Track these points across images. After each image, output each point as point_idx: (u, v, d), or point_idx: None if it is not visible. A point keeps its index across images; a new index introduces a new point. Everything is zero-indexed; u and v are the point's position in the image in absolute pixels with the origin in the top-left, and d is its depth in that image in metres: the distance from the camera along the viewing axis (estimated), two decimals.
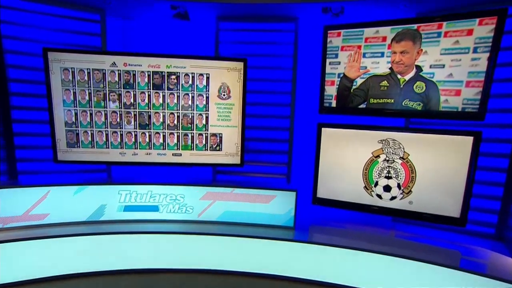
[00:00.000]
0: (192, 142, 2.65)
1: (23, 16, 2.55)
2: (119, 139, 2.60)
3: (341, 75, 2.57)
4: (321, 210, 2.84)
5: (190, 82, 2.56)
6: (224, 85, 2.58)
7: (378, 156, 2.55)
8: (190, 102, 2.58)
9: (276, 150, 2.94)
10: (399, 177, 2.50)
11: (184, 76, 2.54)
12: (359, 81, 2.52)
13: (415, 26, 2.25)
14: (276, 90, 2.87)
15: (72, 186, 2.48)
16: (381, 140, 2.53)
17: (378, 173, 2.56)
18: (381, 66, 2.41)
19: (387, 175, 2.54)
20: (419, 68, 2.28)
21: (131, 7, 2.65)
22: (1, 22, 2.48)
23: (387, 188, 2.56)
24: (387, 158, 2.53)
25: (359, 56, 2.49)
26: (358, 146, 2.59)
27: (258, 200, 2.60)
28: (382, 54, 2.39)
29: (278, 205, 2.60)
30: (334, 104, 2.64)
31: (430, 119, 2.37)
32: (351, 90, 2.56)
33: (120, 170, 2.87)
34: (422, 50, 2.24)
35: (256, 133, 2.90)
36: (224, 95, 2.60)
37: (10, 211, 2.39)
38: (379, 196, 2.59)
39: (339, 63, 2.57)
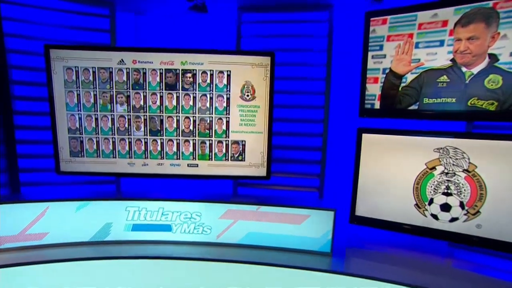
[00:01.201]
0: (211, 150, 2.28)
1: (25, 12, 2.30)
2: (127, 147, 2.27)
3: (387, 71, 2.14)
4: (358, 229, 2.40)
5: (209, 81, 2.20)
6: (248, 84, 2.21)
7: (433, 168, 2.09)
8: (208, 104, 2.23)
9: (307, 159, 2.53)
10: (462, 194, 2.02)
11: (202, 74, 2.19)
12: (410, 77, 2.08)
13: (490, 3, 1.79)
14: (307, 90, 2.47)
15: (74, 201, 2.16)
16: (438, 149, 2.07)
17: (434, 188, 2.10)
18: (440, 58, 1.96)
19: (445, 191, 2.07)
20: (493, 58, 1.81)
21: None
22: (2, 19, 2.24)
23: (445, 207, 2.09)
24: (445, 171, 2.06)
25: (410, 47, 2.05)
26: (407, 155, 2.14)
27: (288, 220, 2.19)
28: (442, 43, 1.94)
29: (312, 226, 2.18)
30: (377, 106, 2.20)
31: (507, 122, 1.89)
32: (400, 88, 2.13)
33: (130, 182, 2.53)
34: (499, 34, 1.78)
35: (282, 140, 2.50)
36: (247, 95, 2.22)
37: (4, 230, 2.09)
38: (435, 217, 2.12)
39: (384, 56, 2.14)
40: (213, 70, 2.19)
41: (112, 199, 2.21)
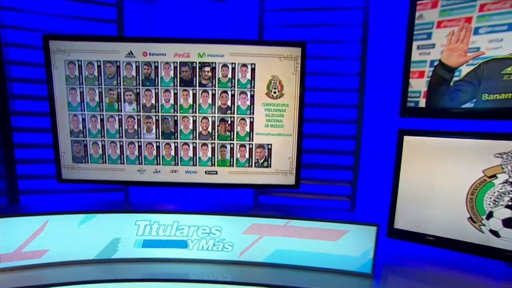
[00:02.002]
0: (232, 156, 2.00)
1: (22, 1, 2.04)
2: (136, 152, 2.00)
3: (436, 63, 1.84)
4: (396, 244, 2.10)
5: (230, 75, 1.92)
6: (275, 79, 1.92)
7: (493, 176, 1.78)
8: (229, 103, 1.94)
9: (337, 164, 2.22)
10: None
11: (222, 67, 1.91)
12: (465, 69, 1.78)
13: None
14: (338, 86, 2.17)
15: (77, 214, 1.88)
16: (500, 154, 1.76)
17: (494, 200, 1.79)
18: (507, 46, 1.66)
19: (509, 203, 1.77)
20: None
21: None
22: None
23: (509, 223, 1.78)
24: (510, 180, 1.75)
25: (468, 34, 1.75)
26: (459, 161, 1.83)
27: (323, 236, 1.89)
28: (510, 27, 1.64)
29: (351, 243, 1.88)
30: (422, 104, 1.90)
31: None
32: (451, 84, 1.82)
33: (140, 191, 2.25)
34: None
35: (309, 142, 2.21)
36: (275, 92, 1.94)
37: None
38: (495, 233, 1.81)
39: (432, 46, 1.84)
40: (235, 64, 1.91)
41: (120, 212, 1.93)
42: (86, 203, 2.04)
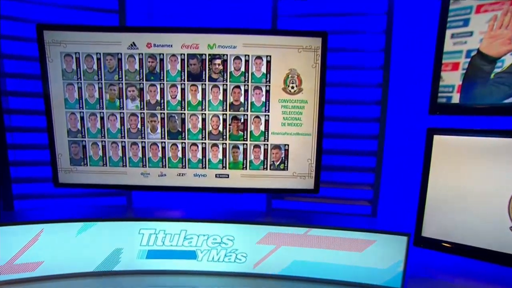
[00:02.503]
0: (245, 157, 1.81)
1: None
2: (140, 154, 1.82)
3: (473, 53, 1.64)
4: (423, 253, 1.92)
5: (243, 69, 1.73)
6: (293, 72, 1.74)
7: None
8: (242, 99, 1.76)
9: (357, 166, 2.03)
10: None
11: (234, 60, 1.72)
12: (509, 59, 1.58)
13: None
14: (358, 82, 1.98)
15: (75, 222, 1.71)
16: None
17: None
18: None
19: None
20: None
21: None
22: None
23: None
24: None
25: None
26: (500, 164, 1.64)
27: (347, 247, 1.70)
28: None
29: (378, 254, 1.69)
30: (456, 99, 1.71)
31: None
32: (492, 75, 1.63)
33: (144, 196, 2.07)
34: None
35: (327, 142, 2.01)
36: (292, 87, 1.75)
37: None
38: None
39: (470, 33, 1.65)
40: (248, 56, 1.72)
41: (122, 219, 1.76)
42: (85, 209, 1.87)
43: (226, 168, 1.82)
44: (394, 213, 2.00)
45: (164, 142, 1.81)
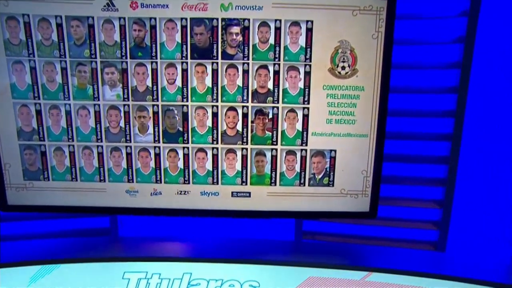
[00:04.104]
0: (274, 168, 1.28)
1: None
2: (124, 164, 1.28)
3: None
4: None
5: (272, 40, 1.19)
6: (344, 46, 1.20)
7: None
8: (271, 85, 1.22)
9: (418, 177, 1.50)
10: None
11: (260, 27, 1.18)
12: None
13: None
14: (424, 63, 1.44)
15: (26, 266, 1.18)
16: None
17: None
18: None
19: None
20: None
21: None
22: None
23: None
24: None
25: None
26: None
27: None
28: None
29: None
30: None
31: None
32: None
33: (132, 221, 1.53)
34: None
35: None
36: (343, 68, 1.21)
37: None
38: None
39: None
40: (280, 21, 1.18)
41: (98, 260, 1.23)
42: (44, 243, 1.33)
43: (246, 184, 1.29)
44: (474, 242, 1.49)
45: (159, 147, 1.27)
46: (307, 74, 1.21)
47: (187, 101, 1.24)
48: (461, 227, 1.47)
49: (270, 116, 1.24)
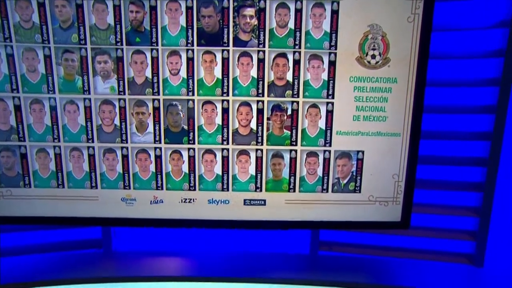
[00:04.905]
0: (293, 172, 1.12)
1: None
2: (119, 168, 1.11)
3: None
4: None
5: (292, 24, 1.03)
6: (375, 31, 1.04)
7: None
8: (290, 76, 1.06)
9: (452, 181, 1.35)
10: None
11: (278, 8, 1.02)
12: None
13: None
14: (464, 51, 1.29)
15: None
16: None
17: None
18: None
19: None
20: None
21: None
22: None
23: None
24: None
25: None
26: None
27: None
28: None
29: None
30: None
31: None
32: None
33: (129, 234, 1.36)
34: None
35: None
36: (374, 57, 1.06)
37: None
38: None
39: None
40: (301, 1, 1.01)
41: (88, 281, 1.05)
42: (23, 261, 1.15)
43: (261, 190, 1.13)
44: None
45: (160, 148, 1.10)
46: (332, 63, 1.05)
47: (193, 94, 1.06)
48: (501, 239, 1.31)
49: (289, 112, 1.08)
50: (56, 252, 1.26)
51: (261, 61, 1.05)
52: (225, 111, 1.07)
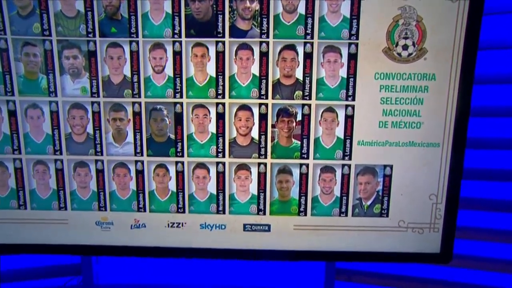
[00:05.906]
0: (303, 192, 0.92)
1: None
2: (93, 185, 0.92)
3: None
4: None
5: (302, 9, 0.83)
6: (407, 15, 0.84)
7: None
8: (300, 73, 0.86)
9: (499, 200, 1.13)
10: None
11: None
12: None
13: None
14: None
15: None
16: None
17: None
18: None
19: None
20: None
21: None
22: None
23: None
24: None
25: None
26: None
27: None
28: None
29: None
30: None
31: None
32: None
33: (110, 261, 1.17)
34: None
35: None
36: (405, 47, 0.85)
37: None
38: None
39: None
40: None
41: None
42: None
43: (264, 213, 0.92)
44: None
45: (142, 162, 0.91)
46: (352, 57, 0.84)
47: (181, 97, 0.87)
48: None
49: (299, 117, 0.87)
50: (22, 282, 1.08)
51: (264, 55, 0.85)
52: (220, 116, 0.87)
